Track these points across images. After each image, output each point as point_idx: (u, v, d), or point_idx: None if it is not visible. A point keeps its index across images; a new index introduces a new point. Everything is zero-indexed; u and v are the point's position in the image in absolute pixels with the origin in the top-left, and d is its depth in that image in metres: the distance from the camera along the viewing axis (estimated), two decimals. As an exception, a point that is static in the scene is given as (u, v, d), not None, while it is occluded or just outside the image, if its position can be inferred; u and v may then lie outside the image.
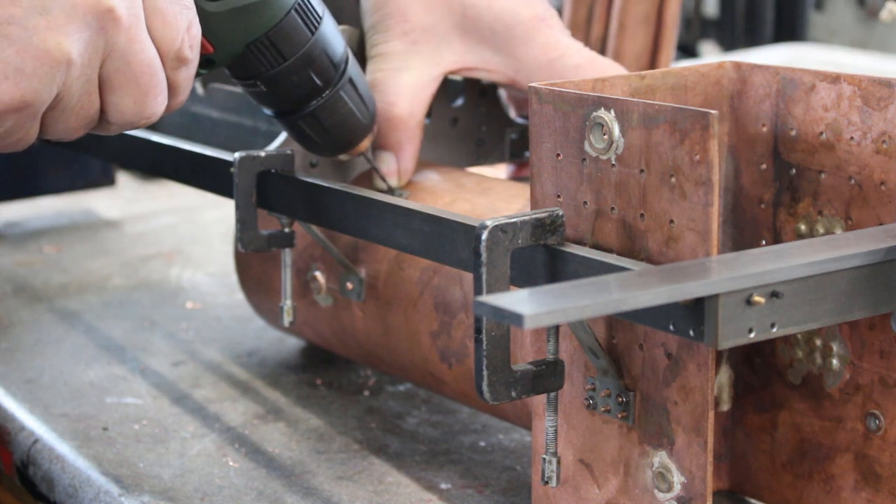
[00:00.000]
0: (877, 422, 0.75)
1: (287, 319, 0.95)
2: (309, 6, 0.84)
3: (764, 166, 0.80)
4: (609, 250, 0.73)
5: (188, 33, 0.77)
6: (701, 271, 0.64)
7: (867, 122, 0.74)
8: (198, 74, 0.80)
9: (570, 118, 0.73)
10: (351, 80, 0.89)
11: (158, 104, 0.77)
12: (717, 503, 0.84)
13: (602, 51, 1.47)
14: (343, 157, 0.95)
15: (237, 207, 0.91)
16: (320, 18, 0.85)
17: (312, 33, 0.84)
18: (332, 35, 0.87)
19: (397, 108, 0.94)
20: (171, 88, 0.78)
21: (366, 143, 0.93)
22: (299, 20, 0.83)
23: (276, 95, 0.86)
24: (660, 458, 0.72)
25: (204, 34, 0.79)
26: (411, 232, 0.81)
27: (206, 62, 0.81)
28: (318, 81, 0.86)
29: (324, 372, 1.08)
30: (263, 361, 1.11)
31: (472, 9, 0.95)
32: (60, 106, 0.73)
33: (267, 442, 0.96)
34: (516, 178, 1.07)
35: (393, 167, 0.95)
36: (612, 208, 0.72)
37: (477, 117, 1.04)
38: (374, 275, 0.94)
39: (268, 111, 0.89)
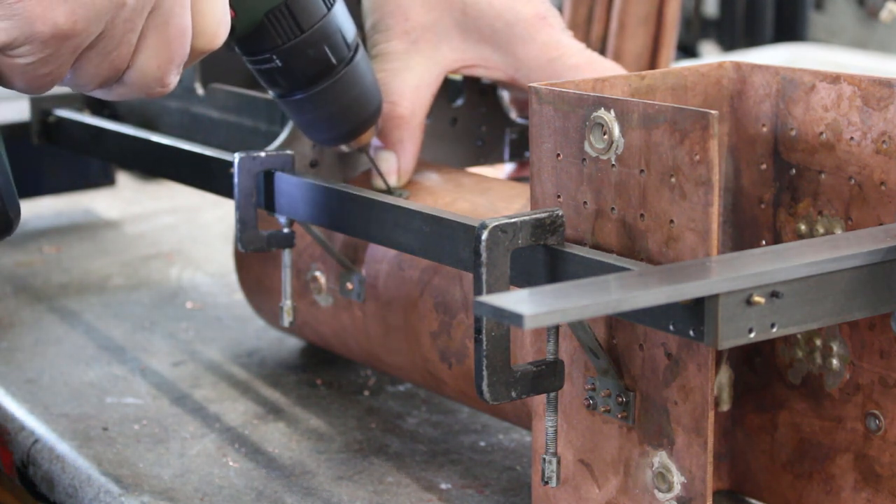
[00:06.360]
0: (877, 422, 0.75)
1: (287, 319, 0.95)
2: None
3: (764, 166, 0.80)
4: (609, 250, 0.73)
5: (224, 16, 0.76)
6: (701, 271, 0.64)
7: (867, 122, 0.74)
8: None
9: (570, 118, 0.73)
10: (361, 64, 0.89)
11: (175, 76, 0.75)
12: (717, 503, 0.84)
13: (602, 51, 1.47)
14: (345, 147, 0.94)
15: (237, 207, 0.91)
16: None
17: (329, 8, 0.86)
18: (346, 16, 0.88)
19: (400, 108, 0.95)
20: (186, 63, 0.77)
21: (369, 135, 0.93)
22: None
23: (289, 71, 0.87)
24: (660, 458, 0.72)
25: None
26: (411, 232, 0.81)
27: None
28: (332, 58, 0.87)
29: (324, 372, 1.08)
30: (263, 361, 1.10)
31: (472, 6, 0.95)
32: (98, 47, 0.71)
33: (267, 442, 0.96)
34: (516, 178, 1.07)
35: (393, 166, 0.95)
36: (612, 208, 0.72)
37: (477, 117, 1.04)
38: (374, 275, 0.94)
39: (276, 92, 0.89)
